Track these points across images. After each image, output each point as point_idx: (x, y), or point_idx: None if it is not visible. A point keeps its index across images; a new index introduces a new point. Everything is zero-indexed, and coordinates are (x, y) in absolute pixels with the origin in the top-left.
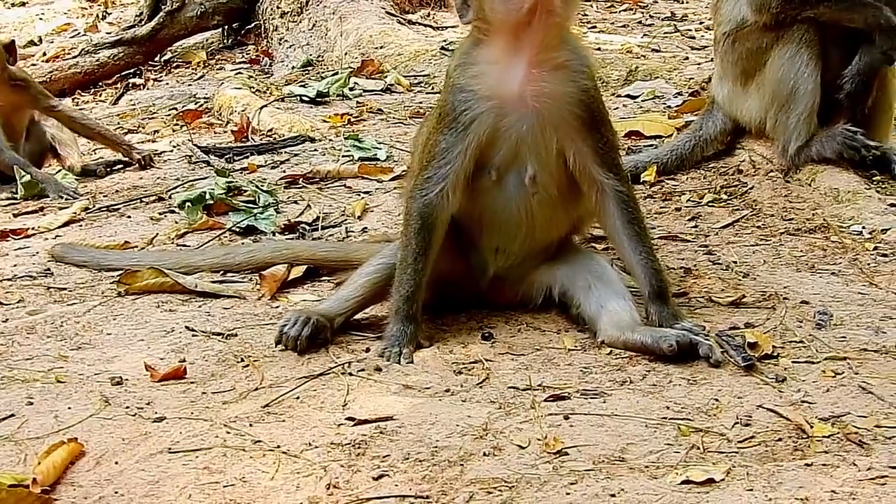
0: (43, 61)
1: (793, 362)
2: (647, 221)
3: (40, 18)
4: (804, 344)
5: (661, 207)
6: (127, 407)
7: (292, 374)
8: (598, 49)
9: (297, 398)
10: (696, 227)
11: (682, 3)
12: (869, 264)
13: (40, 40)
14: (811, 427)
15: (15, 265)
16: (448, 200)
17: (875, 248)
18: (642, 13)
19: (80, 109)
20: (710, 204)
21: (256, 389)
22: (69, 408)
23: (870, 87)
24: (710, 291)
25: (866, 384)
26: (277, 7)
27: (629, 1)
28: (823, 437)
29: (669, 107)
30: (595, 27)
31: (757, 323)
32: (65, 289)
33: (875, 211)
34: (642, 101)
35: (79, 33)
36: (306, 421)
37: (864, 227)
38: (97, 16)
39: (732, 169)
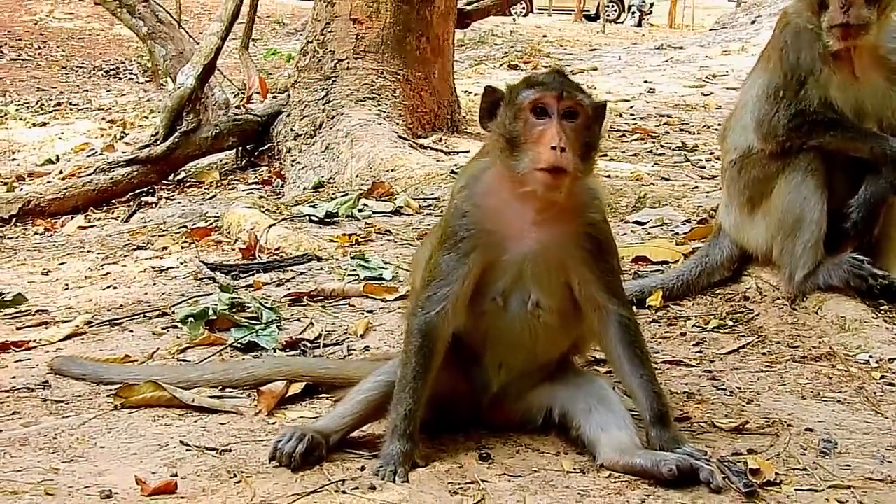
0: (59, 178)
1: (796, 490)
2: (651, 346)
3: (60, 138)
4: (807, 472)
5: (666, 332)
6: None
7: (284, 490)
8: (608, 176)
9: None
10: (700, 352)
11: (694, 134)
12: (875, 393)
13: (58, 158)
14: None
15: (13, 377)
16: (448, 320)
17: (882, 377)
18: (653, 143)
19: None
20: (715, 330)
21: None
22: None
23: (876, 217)
24: (713, 417)
25: None
26: (291, 129)
27: (641, 131)
28: None
29: (677, 233)
30: (606, 155)
31: (760, 449)
32: (62, 401)
33: (882, 340)
34: (650, 227)
35: (96, 152)
36: None
37: (870, 356)
38: (115, 136)
39: (739, 296)
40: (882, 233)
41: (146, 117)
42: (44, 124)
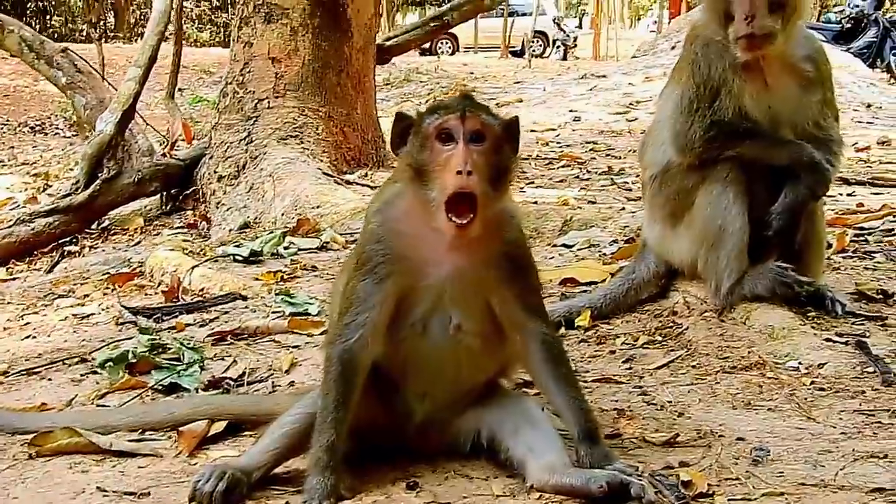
0: None
1: (729, 500)
2: (580, 364)
3: None
4: (740, 481)
5: (596, 351)
6: None
7: None
8: (535, 202)
9: None
10: (630, 368)
11: (620, 158)
12: (806, 399)
13: None
14: None
15: None
16: (368, 347)
17: (812, 383)
18: (580, 169)
19: None
20: (644, 346)
21: None
22: None
23: (797, 223)
24: (644, 431)
25: None
26: (215, 171)
27: (568, 158)
28: None
29: (605, 254)
30: (533, 183)
31: (692, 462)
32: None
33: (811, 346)
34: (577, 249)
35: (18, 205)
36: None
37: (800, 363)
38: (38, 188)
39: (667, 311)
40: (805, 239)
41: (71, 169)
42: None
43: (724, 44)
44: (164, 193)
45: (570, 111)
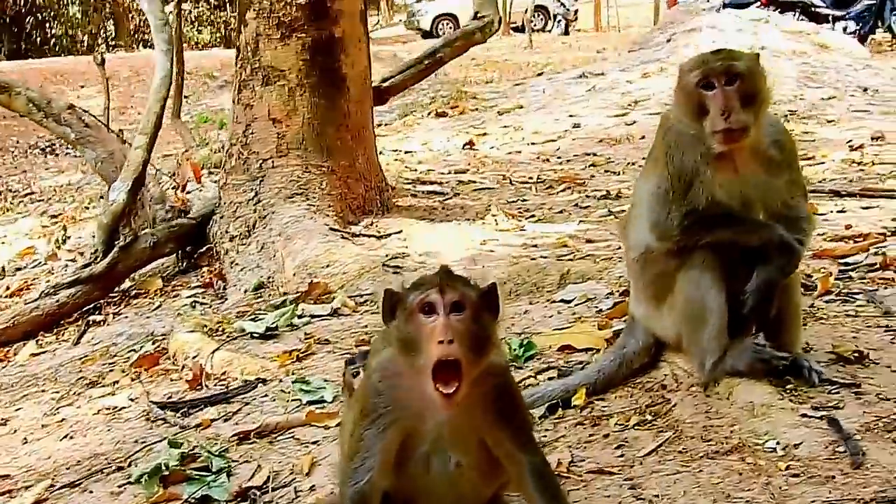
0: (6, 296)
1: None
2: (576, 453)
3: (2, 242)
4: None
5: (590, 435)
6: None
7: None
8: (535, 246)
9: None
10: (622, 456)
11: (618, 174)
12: (781, 487)
13: (3, 270)
14: None
15: None
16: (376, 487)
17: (787, 467)
18: (579, 194)
19: None
20: (636, 427)
21: None
22: None
23: (771, 300)
24: None
25: None
26: (227, 231)
27: (567, 179)
28: None
29: (601, 310)
30: (533, 216)
31: None
32: None
33: (788, 423)
34: (575, 304)
35: (39, 262)
36: None
37: (778, 443)
38: (57, 240)
39: (657, 384)
40: (781, 313)
41: (87, 207)
42: None
43: (697, 136)
44: (180, 252)
45: (570, 116)
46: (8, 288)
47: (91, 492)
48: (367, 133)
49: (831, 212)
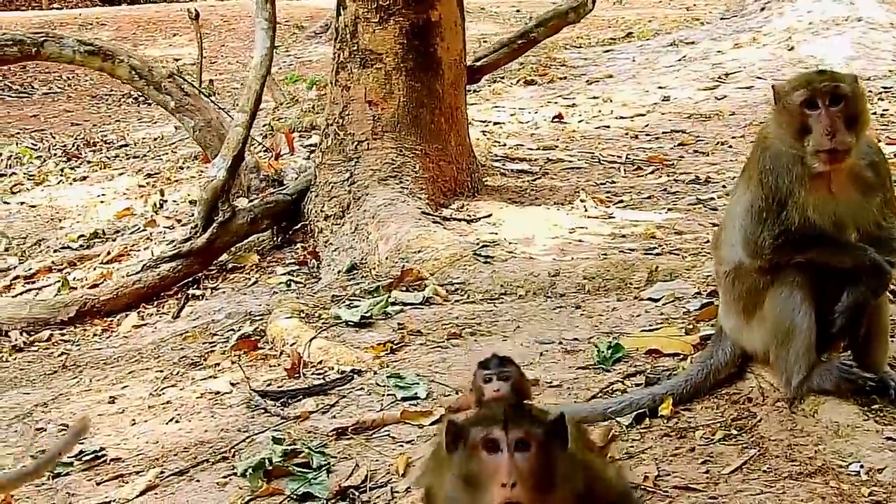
0: (106, 261)
1: None
2: (662, 467)
3: (101, 201)
4: None
5: (676, 448)
6: None
7: None
8: (623, 237)
9: None
10: (707, 472)
11: (708, 155)
12: None
13: (104, 232)
14: None
15: None
16: None
17: (870, 494)
18: (668, 177)
19: None
20: (721, 441)
21: None
22: None
23: (860, 321)
24: None
25: None
26: (321, 210)
27: (656, 161)
28: None
29: (689, 311)
30: (622, 199)
31: None
32: None
33: (872, 447)
34: (663, 304)
35: (138, 228)
36: None
37: (861, 466)
38: (154, 204)
39: (743, 398)
40: (870, 333)
41: (181, 167)
42: (84, 178)
43: (797, 155)
44: (275, 228)
45: (659, 87)
46: (109, 253)
47: (198, 481)
48: (460, 115)
49: None
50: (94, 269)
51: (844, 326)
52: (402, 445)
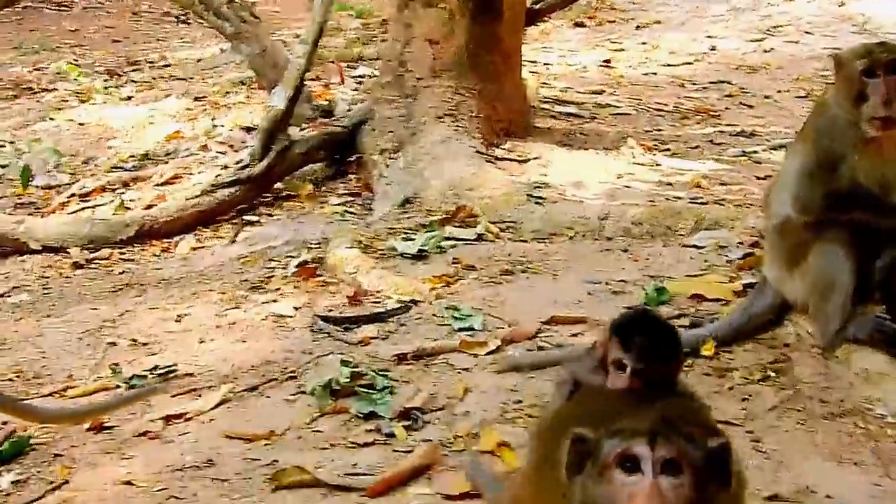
0: (160, 183)
1: None
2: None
3: (150, 122)
4: None
5: (717, 386)
6: None
7: None
8: (670, 184)
9: None
10: (744, 409)
11: (754, 108)
12: (887, 453)
13: (155, 154)
14: None
15: (181, 454)
16: None
17: (893, 435)
18: (713, 126)
19: None
20: (759, 382)
21: None
22: None
23: None
24: (752, 483)
25: None
26: (377, 144)
27: (703, 112)
28: None
29: (731, 260)
30: (668, 148)
31: None
32: (227, 480)
33: None
34: (707, 252)
35: (190, 151)
36: None
37: (887, 409)
38: (206, 131)
39: (781, 343)
40: None
41: (228, 92)
42: (129, 98)
43: (852, 121)
44: (330, 159)
45: (708, 36)
46: (162, 175)
47: (268, 397)
48: (516, 59)
49: None
50: (149, 190)
51: (882, 282)
52: (459, 373)
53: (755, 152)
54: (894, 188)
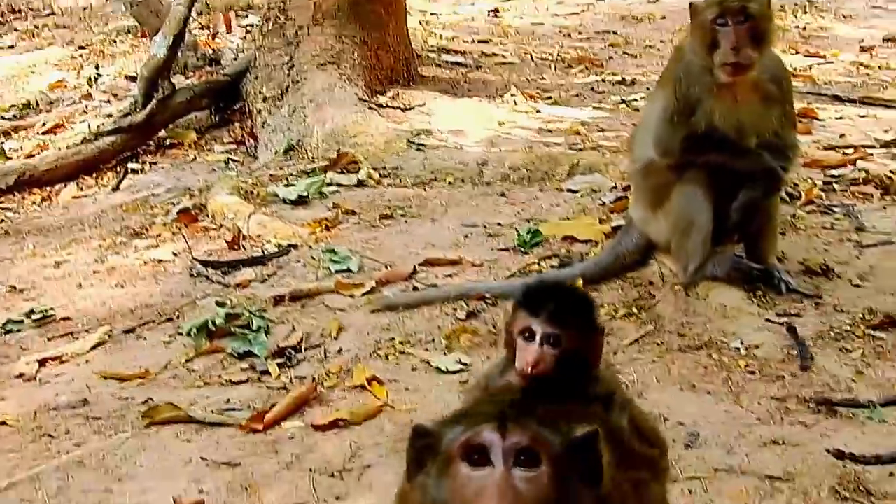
0: (43, 132)
1: None
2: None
3: (32, 71)
4: (673, 464)
5: None
6: None
7: (288, 499)
8: (550, 131)
9: None
10: (608, 343)
11: (636, 58)
12: (738, 382)
13: (37, 103)
14: None
15: (57, 394)
16: None
17: (746, 366)
18: (596, 75)
19: None
20: (623, 318)
21: None
22: None
23: (753, 217)
24: None
25: (711, 502)
26: (260, 92)
27: (586, 61)
28: None
29: (604, 203)
30: (550, 96)
31: None
32: (100, 418)
33: (753, 327)
34: (581, 196)
35: (74, 100)
36: None
37: (742, 343)
38: (90, 78)
39: (645, 281)
40: (761, 228)
41: (113, 41)
42: (11, 47)
43: (706, 67)
44: (214, 107)
45: None
46: (44, 124)
47: (145, 339)
48: (400, 6)
49: (830, 118)
50: (30, 139)
51: (739, 222)
52: (335, 312)
53: (635, 100)
54: (749, 131)
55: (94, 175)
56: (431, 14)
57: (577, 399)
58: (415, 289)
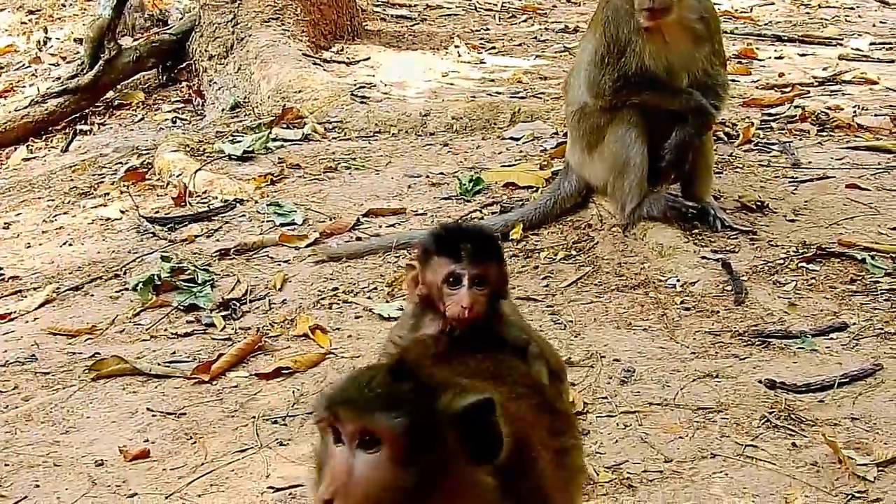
0: None
1: (596, 417)
2: (510, 282)
3: None
4: (608, 400)
5: (522, 266)
6: (108, 485)
7: (230, 448)
8: (492, 81)
9: (233, 471)
10: (547, 286)
11: (579, 5)
12: (673, 319)
13: None
14: (598, 475)
15: (4, 350)
16: None
17: (682, 302)
18: (540, 24)
19: None
20: (562, 261)
21: (203, 464)
22: (66, 489)
23: (686, 156)
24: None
25: (645, 435)
26: (206, 50)
27: (530, 10)
28: (605, 482)
29: (545, 149)
30: (494, 46)
31: (577, 381)
32: (48, 373)
33: (689, 264)
34: (523, 143)
35: (23, 64)
36: (239, 491)
37: (678, 280)
38: (38, 42)
39: (584, 224)
40: (695, 167)
41: (63, 5)
42: None
43: (630, 11)
44: (161, 67)
45: None
46: None
47: (92, 295)
48: None
49: (770, 57)
50: None
51: (673, 161)
52: (279, 265)
53: (577, 47)
54: (679, 71)
55: (44, 137)
56: None
57: (494, 345)
58: (357, 239)
